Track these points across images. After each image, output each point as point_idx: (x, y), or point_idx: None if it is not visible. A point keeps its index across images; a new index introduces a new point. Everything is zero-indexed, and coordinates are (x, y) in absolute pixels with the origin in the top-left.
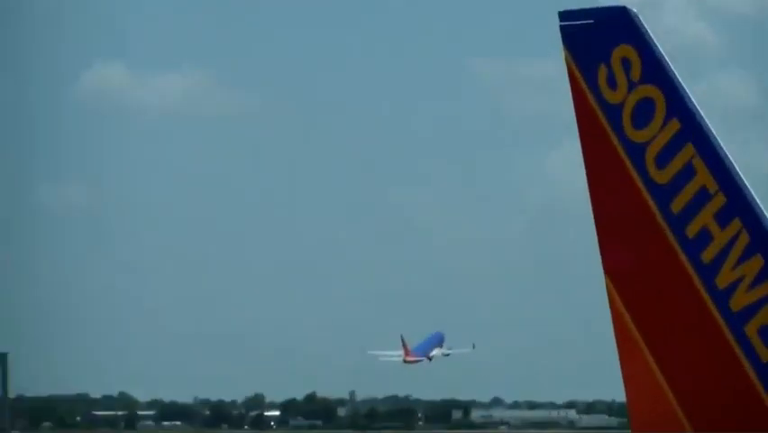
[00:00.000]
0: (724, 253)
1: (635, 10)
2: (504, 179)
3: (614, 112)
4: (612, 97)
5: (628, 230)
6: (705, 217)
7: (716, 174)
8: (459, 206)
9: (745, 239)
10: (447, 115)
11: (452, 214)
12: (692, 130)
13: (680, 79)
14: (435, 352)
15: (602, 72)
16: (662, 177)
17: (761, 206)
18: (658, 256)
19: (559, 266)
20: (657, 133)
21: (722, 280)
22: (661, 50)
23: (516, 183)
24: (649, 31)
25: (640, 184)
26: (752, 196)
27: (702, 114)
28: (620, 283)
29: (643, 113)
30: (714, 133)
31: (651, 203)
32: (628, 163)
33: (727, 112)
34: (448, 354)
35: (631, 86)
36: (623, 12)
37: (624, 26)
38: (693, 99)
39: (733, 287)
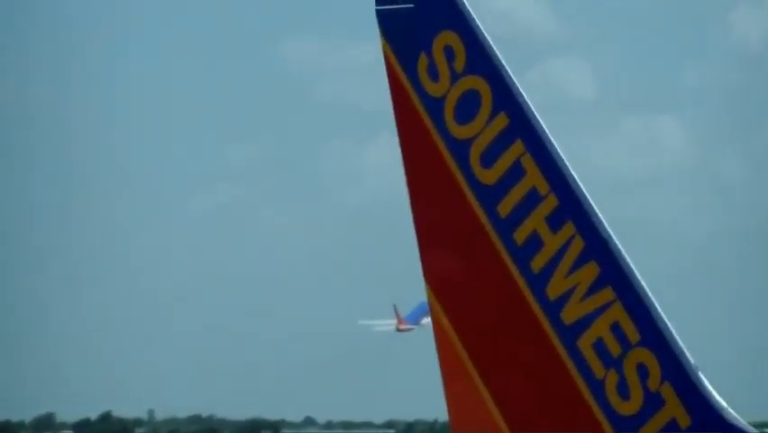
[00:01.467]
0: (556, 260)
1: None
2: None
3: (435, 105)
4: (433, 90)
5: (451, 235)
6: (535, 221)
7: (547, 174)
8: (266, 202)
9: (578, 245)
10: (257, 101)
11: (264, 209)
12: (522, 125)
13: (508, 70)
14: (425, 321)
15: (423, 62)
16: (488, 177)
17: (595, 208)
18: (483, 264)
19: (370, 270)
20: (483, 129)
21: (554, 290)
22: (488, 37)
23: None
24: (475, 16)
25: (464, 185)
26: (586, 198)
27: (533, 107)
28: (443, 294)
29: (467, 107)
30: (546, 128)
31: (476, 206)
32: (451, 162)
33: (563, 103)
34: None
35: (454, 77)
36: None
37: (447, 11)
38: (523, 92)
39: (565, 297)
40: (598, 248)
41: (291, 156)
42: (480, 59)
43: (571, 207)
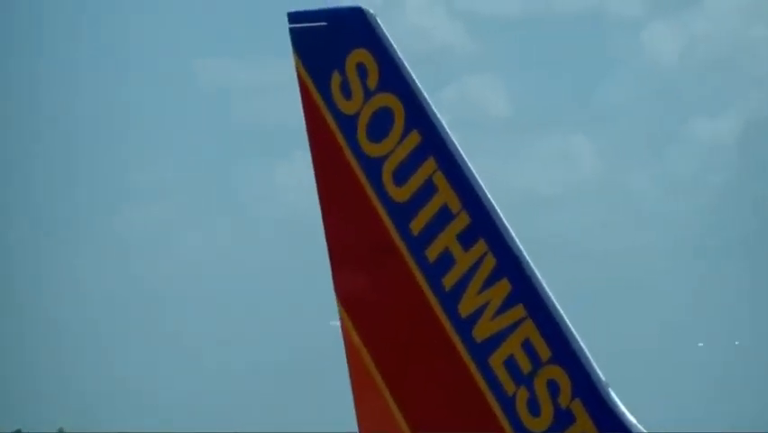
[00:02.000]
0: (467, 277)
1: (372, 11)
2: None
3: (348, 123)
4: (346, 108)
5: (363, 253)
6: (447, 239)
7: (459, 191)
8: (182, 220)
9: (490, 262)
10: (171, 120)
11: (182, 229)
12: (434, 143)
13: (421, 88)
14: None
15: (336, 80)
16: (400, 194)
17: (507, 226)
18: (395, 281)
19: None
20: (395, 147)
21: (465, 308)
22: (401, 55)
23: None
24: (388, 34)
25: (376, 202)
26: (498, 215)
27: (445, 125)
28: (355, 312)
29: (380, 124)
30: (458, 146)
31: (388, 223)
32: (363, 180)
33: (478, 121)
34: None
35: (367, 95)
36: (359, 13)
37: (360, 29)
38: (436, 110)
39: (477, 314)
40: (510, 266)
41: (205, 174)
42: (393, 77)
43: (483, 225)
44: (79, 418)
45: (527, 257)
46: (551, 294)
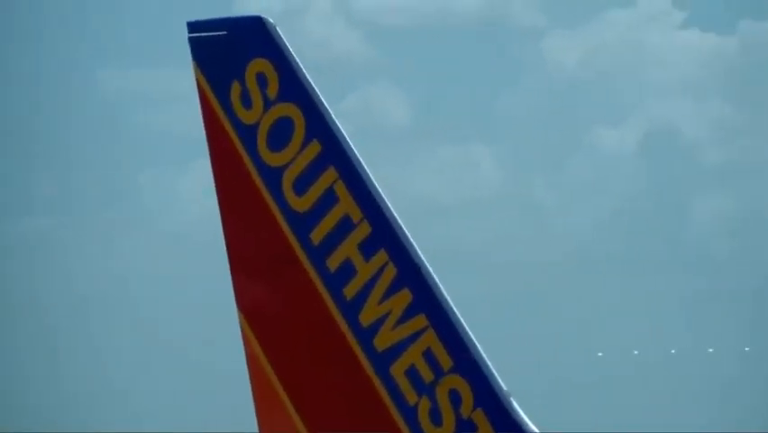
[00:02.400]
0: (368, 287)
1: (272, 21)
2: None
3: (248, 133)
4: (247, 117)
5: (264, 263)
6: (348, 249)
7: (360, 201)
8: (83, 231)
9: (391, 272)
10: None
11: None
12: (334, 152)
13: (321, 97)
14: None
15: (236, 89)
16: (301, 204)
17: (409, 235)
18: (295, 291)
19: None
20: (296, 156)
21: (366, 317)
22: (301, 64)
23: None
24: (288, 44)
25: (276, 212)
26: (399, 225)
27: (346, 135)
28: (256, 322)
29: (280, 134)
30: (359, 156)
31: (288, 233)
32: (264, 189)
33: (380, 131)
34: None
35: (267, 104)
36: (258, 23)
37: (260, 39)
38: (336, 119)
39: (378, 324)
40: (411, 276)
41: (108, 185)
42: (293, 86)
43: (384, 235)
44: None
45: (428, 267)
46: (452, 304)
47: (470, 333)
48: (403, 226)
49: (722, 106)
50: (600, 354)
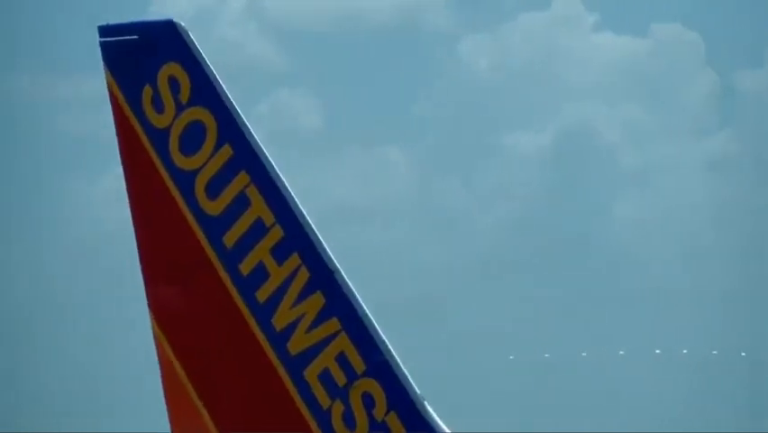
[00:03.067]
0: (281, 291)
1: (183, 24)
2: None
3: (160, 137)
4: (158, 121)
5: (176, 267)
6: (261, 253)
7: (272, 205)
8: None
9: (304, 276)
10: None
11: None
12: (246, 156)
13: (233, 101)
14: None
15: (147, 93)
16: (213, 208)
17: (321, 239)
18: (208, 295)
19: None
20: (208, 161)
21: (279, 321)
22: (212, 68)
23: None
24: (200, 48)
25: (189, 216)
26: (312, 229)
27: (258, 139)
28: (168, 327)
29: (192, 138)
30: (271, 160)
31: (201, 237)
32: (176, 194)
33: (293, 135)
34: None
35: (179, 108)
36: (170, 27)
37: (171, 42)
38: (248, 123)
39: (292, 328)
40: (324, 280)
41: (23, 190)
42: (205, 90)
43: (297, 239)
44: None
45: (341, 271)
46: (365, 308)
47: (384, 337)
48: (316, 231)
49: (635, 109)
50: (512, 357)
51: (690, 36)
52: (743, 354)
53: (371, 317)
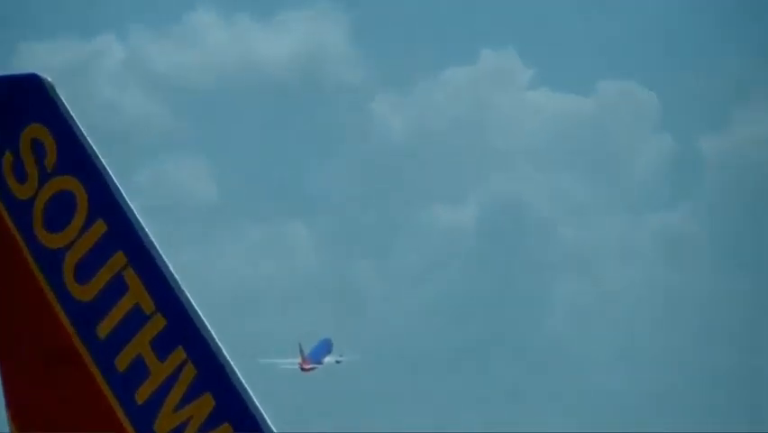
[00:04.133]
0: (164, 390)
1: (50, 80)
2: None
3: (22, 210)
4: (20, 192)
5: (39, 360)
6: (139, 346)
7: (153, 290)
8: None
9: (190, 373)
10: None
11: None
12: (123, 234)
13: (108, 170)
14: (327, 359)
15: (8, 160)
16: (84, 293)
17: (211, 331)
18: (78, 396)
19: None
20: (77, 238)
21: (162, 427)
22: (83, 131)
23: None
24: (68, 106)
25: (55, 301)
26: (199, 317)
27: (137, 213)
28: (28, 425)
29: (59, 212)
30: (152, 237)
31: (69, 326)
32: (40, 276)
33: (178, 208)
34: (339, 362)
35: (44, 177)
36: (34, 81)
37: (35, 101)
38: (126, 195)
39: None
40: (214, 377)
41: None
42: (74, 156)
43: (182, 330)
44: None
45: (234, 367)
46: (262, 411)
47: None
48: (204, 320)
49: (574, 179)
50: None
51: (644, 95)
52: None
53: (270, 424)
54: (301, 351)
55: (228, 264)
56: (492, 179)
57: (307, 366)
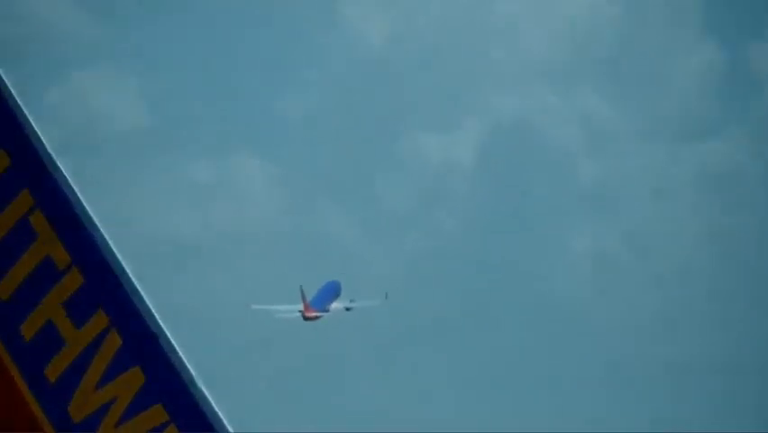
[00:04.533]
0: (81, 364)
1: None
2: None
3: None
4: None
5: None
6: (50, 309)
7: (67, 239)
8: None
9: (114, 343)
10: None
11: None
12: (29, 169)
13: (8, 86)
14: (334, 305)
15: None
16: None
17: (140, 291)
18: None
19: None
20: None
21: (79, 410)
22: None
23: None
24: None
25: None
26: (126, 274)
27: (46, 144)
28: None
29: None
30: (66, 174)
31: None
32: None
33: (101, 137)
34: (350, 309)
35: None
36: None
37: None
38: (31, 119)
39: (96, 419)
40: (144, 348)
41: None
42: None
43: (104, 289)
44: None
45: (168, 335)
46: (203, 388)
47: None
48: (131, 277)
49: (590, 98)
50: None
51: None
52: None
53: (210, 399)
54: (303, 296)
55: (159, 208)
56: (493, 101)
57: (311, 314)
